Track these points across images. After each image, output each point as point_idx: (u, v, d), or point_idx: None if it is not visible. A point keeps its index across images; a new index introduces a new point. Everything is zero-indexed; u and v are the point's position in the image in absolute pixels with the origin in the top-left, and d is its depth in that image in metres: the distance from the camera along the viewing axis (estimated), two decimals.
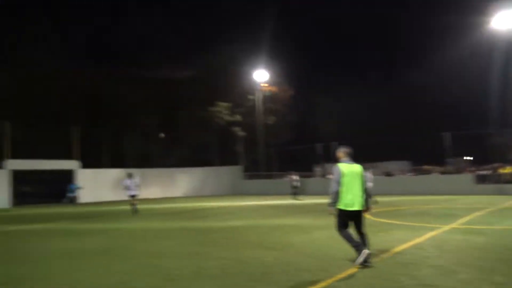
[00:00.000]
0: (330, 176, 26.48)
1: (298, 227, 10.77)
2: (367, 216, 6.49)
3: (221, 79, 41.62)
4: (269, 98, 43.07)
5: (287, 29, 70.88)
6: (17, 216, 18.71)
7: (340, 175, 6.00)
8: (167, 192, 33.95)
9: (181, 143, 37.68)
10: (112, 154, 33.83)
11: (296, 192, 24.22)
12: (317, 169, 32.14)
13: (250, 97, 41.54)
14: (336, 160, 6.41)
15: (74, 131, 29.87)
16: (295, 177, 24.65)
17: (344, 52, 64.90)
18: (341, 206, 6.01)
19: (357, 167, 6.15)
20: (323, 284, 5.08)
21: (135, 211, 16.77)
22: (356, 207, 6.00)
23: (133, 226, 12.60)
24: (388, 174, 26.90)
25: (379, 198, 18.45)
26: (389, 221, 11.08)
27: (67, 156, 30.40)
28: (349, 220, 6.09)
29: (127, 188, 16.95)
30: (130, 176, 17.18)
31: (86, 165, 30.19)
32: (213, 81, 41.61)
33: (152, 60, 43.45)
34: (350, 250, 7.06)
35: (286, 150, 39.87)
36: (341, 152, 6.37)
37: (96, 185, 29.95)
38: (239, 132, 38.35)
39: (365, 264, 5.80)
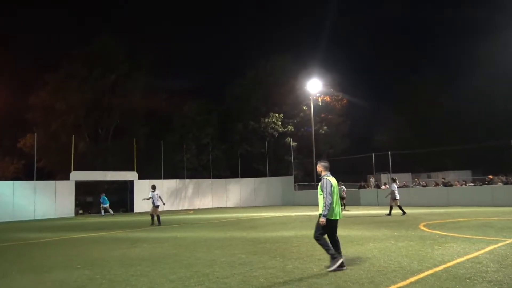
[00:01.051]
0: (383, 187, 25.79)
1: (349, 238, 10.55)
2: (424, 228, 6.29)
3: (274, 90, 42.03)
4: (323, 108, 42.80)
5: (342, 38, 70.24)
6: (81, 224, 19.87)
7: (332, 187, 6.56)
8: (219, 202, 34.62)
9: (234, 154, 38.31)
10: (168, 165, 35.09)
11: (343, 202, 23.91)
12: (371, 179, 31.30)
13: (303, 107, 41.51)
14: (319, 174, 7.00)
15: (133, 143, 31.33)
16: (341, 187, 24.31)
17: (399, 60, 62.96)
18: (331, 216, 6.49)
19: (335, 180, 6.78)
20: None
21: (157, 222, 17.19)
22: (339, 217, 6.64)
23: (185, 235, 12.94)
24: (446, 185, 25.60)
25: (436, 210, 17.68)
26: (446, 234, 10.57)
27: (127, 167, 31.91)
28: (332, 229, 6.62)
29: (152, 199, 17.49)
30: (154, 188, 17.87)
31: (143, 176, 31.48)
32: (267, 92, 42.11)
33: (206, 74, 44.77)
34: (403, 263, 6.88)
35: (338, 160, 39.24)
36: (322, 166, 6.93)
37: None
38: (291, 142, 38.36)
39: (340, 269, 6.35)
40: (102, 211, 26.94)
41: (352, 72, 67.23)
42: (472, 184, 27.08)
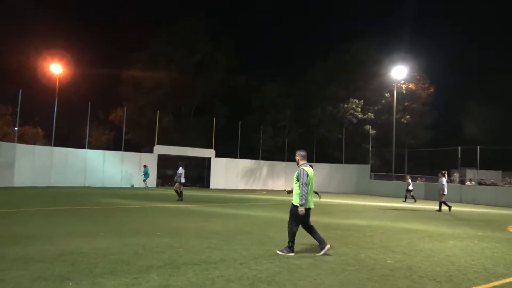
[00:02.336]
0: (468, 184, 24.20)
1: (427, 233, 10.07)
2: None
3: (356, 75, 40.81)
4: (407, 96, 40.76)
5: (431, 23, 65.85)
6: (161, 195, 21.13)
7: (308, 177, 6.69)
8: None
9: (310, 138, 38.05)
10: (244, 145, 35.87)
11: (406, 195, 24.04)
12: (455, 175, 29.38)
13: (386, 94, 39.86)
14: (297, 163, 7.13)
15: (213, 122, 32.41)
16: (409, 180, 24.35)
17: (494, 47, 57.63)
18: (305, 205, 6.63)
19: (312, 169, 6.93)
20: None
21: (180, 197, 17.57)
22: (312, 205, 6.85)
23: (258, 214, 13.21)
24: None
25: None
26: None
27: (205, 145, 33.17)
28: (306, 217, 6.78)
29: (180, 176, 17.75)
30: (182, 165, 18.12)
31: (220, 154, 32.51)
32: (348, 77, 41.02)
33: (287, 56, 44.71)
34: (486, 265, 6.48)
35: (420, 152, 37.28)
36: (300, 155, 7.08)
37: (227, 173, 32.11)
38: (370, 130, 37.13)
39: (289, 254, 6.61)
40: (146, 183, 27.74)
41: (441, 59, 62.87)
42: None
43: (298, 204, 6.66)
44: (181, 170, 17.76)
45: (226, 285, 4.78)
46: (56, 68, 33.66)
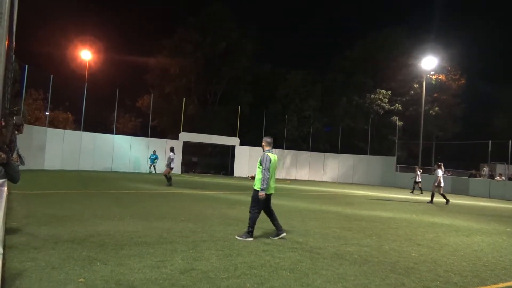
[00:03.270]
0: (498, 178, 23.56)
1: (454, 227, 9.88)
2: None
3: (383, 65, 40.04)
4: (436, 87, 39.77)
5: (465, 12, 63.71)
6: (186, 182, 21.43)
7: (271, 163, 6.80)
8: (316, 175, 34.62)
9: (335, 128, 37.72)
10: (268, 134, 35.90)
11: (414, 187, 24.26)
12: (484, 169, 28.59)
13: (415, 85, 38.99)
14: (262, 149, 7.13)
15: (238, 110, 32.50)
16: (418, 172, 24.46)
17: None
18: (267, 191, 6.77)
19: (275, 156, 7.02)
20: None
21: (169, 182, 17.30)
22: (272, 191, 7.01)
23: (281, 203, 13.22)
24: None
25: None
26: None
27: (230, 133, 33.35)
28: (267, 202, 6.95)
29: (171, 161, 17.71)
30: (173, 150, 18.18)
31: (244, 142, 32.63)
32: (375, 67, 40.29)
33: (313, 44, 44.21)
34: None
35: (448, 144, 36.44)
36: (265, 141, 7.11)
37: (250, 161, 32.24)
38: (397, 121, 36.46)
39: (247, 240, 6.63)
40: (153, 169, 27.39)
41: (473, 50, 60.88)
42: None
43: (259, 189, 6.76)
44: (172, 155, 17.80)
45: (248, 271, 4.83)
46: (86, 55, 34.35)
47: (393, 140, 35.27)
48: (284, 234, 6.99)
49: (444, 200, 16.82)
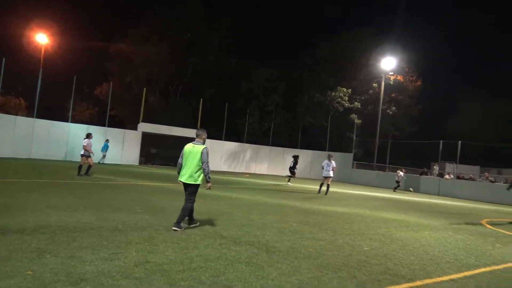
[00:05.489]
0: (447, 177, 24.63)
1: (405, 223, 10.29)
2: (486, 225, 5.97)
3: (345, 64, 40.86)
4: (394, 88, 41.05)
5: (423, 17, 65.97)
6: (144, 173, 21.05)
7: (183, 151, 7.09)
8: (274, 170, 34.93)
9: (296, 124, 38.20)
10: (230, 128, 35.85)
11: (396, 187, 25.24)
12: (435, 167, 29.94)
13: (374, 85, 40.06)
14: (203, 141, 7.37)
15: (200, 103, 32.19)
16: (401, 172, 25.61)
17: (482, 49, 58.24)
18: (200, 181, 6.91)
19: (198, 147, 7.04)
20: (420, 283, 4.85)
21: (84, 172, 15.66)
22: (183, 179, 6.94)
23: (240, 196, 13.29)
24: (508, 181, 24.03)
25: (504, 208, 16.61)
26: (511, 233, 9.96)
27: (192, 125, 33.00)
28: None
29: (86, 145, 15.71)
30: (89, 136, 16.07)
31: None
32: (338, 65, 41.05)
33: (279, 41, 44.56)
34: (459, 256, 6.65)
35: (402, 143, 37.77)
36: (195, 133, 7.39)
37: (211, 154, 31.98)
38: (356, 119, 37.40)
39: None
40: (102, 159, 26.05)
41: (430, 54, 63.18)
42: None
43: (200, 183, 6.91)
44: (86, 141, 15.75)
45: (204, 264, 4.83)
46: (42, 38, 32.84)
47: (351, 138, 36.16)
48: (183, 229, 6.70)
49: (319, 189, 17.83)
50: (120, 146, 27.99)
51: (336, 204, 13.77)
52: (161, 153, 31.67)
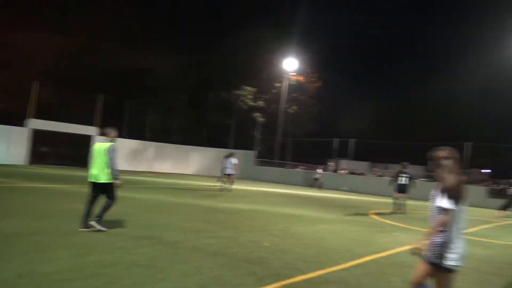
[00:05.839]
0: (341, 172, 26.41)
1: (303, 217, 10.86)
2: (374, 216, 6.54)
3: (250, 63, 41.62)
4: (296, 88, 42.88)
5: (323, 21, 69.73)
6: (35, 174, 19.30)
7: (94, 151, 6.99)
8: (179, 168, 34.40)
9: (201, 122, 38.08)
10: (132, 125, 34.49)
11: (314, 184, 26.90)
12: (331, 164, 32.05)
13: (277, 84, 41.46)
14: (113, 140, 7.12)
15: (98, 98, 30.43)
16: (319, 170, 27.59)
17: (374, 54, 63.63)
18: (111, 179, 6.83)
19: (104, 145, 6.91)
20: (313, 275, 5.17)
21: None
22: (92, 179, 7.02)
23: (142, 197, 12.87)
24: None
25: (390, 200, 18.33)
26: (394, 223, 11.06)
27: (90, 122, 31.05)
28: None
29: None
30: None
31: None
32: (243, 64, 41.65)
33: (185, 39, 43.96)
34: (349, 247, 7.17)
35: (302, 141, 39.78)
36: (104, 132, 7.26)
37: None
38: (260, 118, 38.43)
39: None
40: None
41: (330, 57, 67.15)
42: (425, 179, 28.24)
43: (111, 181, 6.85)
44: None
45: (99, 270, 4.60)
46: None
47: (255, 135, 37.07)
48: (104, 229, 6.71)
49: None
50: (5, 144, 25.32)
51: (239, 201, 14.02)
52: (55, 151, 29.31)
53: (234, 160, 18.11)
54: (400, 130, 43.60)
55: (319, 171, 27.55)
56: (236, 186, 18.46)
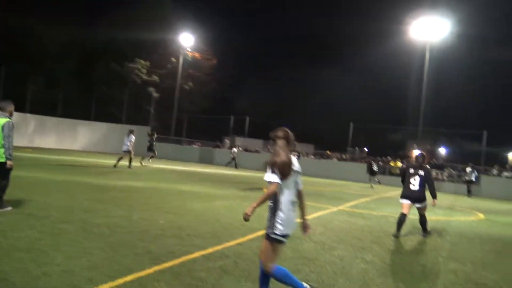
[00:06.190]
0: (235, 150, 26.93)
1: (199, 194, 10.82)
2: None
3: (145, 35, 39.54)
4: (192, 64, 42.09)
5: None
6: None
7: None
8: (65, 144, 31.81)
9: (91, 95, 35.42)
10: (8, 95, 30.68)
11: (229, 162, 26.94)
12: (226, 141, 32.47)
13: (173, 59, 40.19)
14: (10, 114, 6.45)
15: None
16: (234, 149, 27.57)
17: (274, 37, 65.44)
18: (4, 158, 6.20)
19: (1, 121, 6.17)
20: (211, 250, 5.17)
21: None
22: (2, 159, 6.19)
23: (20, 174, 11.60)
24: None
25: None
26: None
27: None
28: None
29: None
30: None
31: None
32: (136, 36, 39.39)
33: (73, 4, 40.07)
34: (244, 222, 7.30)
35: (198, 118, 39.55)
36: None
37: None
38: (154, 93, 37.11)
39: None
40: None
41: (228, 35, 67.20)
42: (313, 157, 30.18)
43: (4, 160, 6.19)
44: None
45: None
46: None
47: (149, 111, 35.81)
48: (10, 208, 6.37)
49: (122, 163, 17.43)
50: None
51: (133, 178, 13.46)
52: None
53: (132, 137, 17.30)
54: (292, 111, 45.83)
55: (234, 150, 27.53)
56: (125, 162, 17.62)
